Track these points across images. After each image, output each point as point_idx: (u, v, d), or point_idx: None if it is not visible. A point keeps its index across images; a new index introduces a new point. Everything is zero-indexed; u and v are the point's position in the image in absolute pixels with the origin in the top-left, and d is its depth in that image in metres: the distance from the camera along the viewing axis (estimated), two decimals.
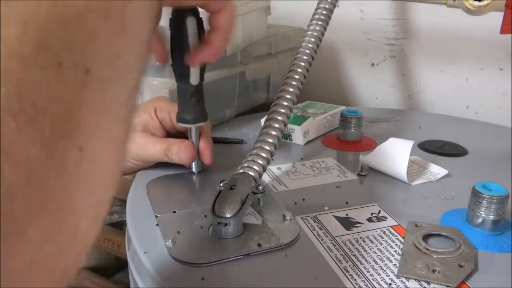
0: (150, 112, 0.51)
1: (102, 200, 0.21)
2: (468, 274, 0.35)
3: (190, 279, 0.35)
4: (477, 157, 0.60)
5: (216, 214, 0.39)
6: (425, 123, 0.73)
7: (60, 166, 0.18)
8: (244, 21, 0.64)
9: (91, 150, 0.19)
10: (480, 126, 0.73)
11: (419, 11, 0.81)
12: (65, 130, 0.18)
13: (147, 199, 0.46)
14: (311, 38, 0.50)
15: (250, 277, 0.35)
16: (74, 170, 0.18)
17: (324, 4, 0.52)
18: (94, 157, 0.19)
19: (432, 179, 0.52)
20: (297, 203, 0.46)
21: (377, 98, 0.91)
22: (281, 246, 0.39)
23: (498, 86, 0.78)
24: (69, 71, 0.18)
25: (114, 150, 0.21)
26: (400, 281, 0.35)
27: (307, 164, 0.56)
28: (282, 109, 0.46)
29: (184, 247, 0.38)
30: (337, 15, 0.57)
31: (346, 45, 0.91)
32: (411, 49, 0.85)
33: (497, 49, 0.76)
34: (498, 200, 0.40)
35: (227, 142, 0.61)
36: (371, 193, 0.50)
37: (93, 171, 0.20)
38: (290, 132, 0.61)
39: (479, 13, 0.60)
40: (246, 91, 0.72)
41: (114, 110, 0.21)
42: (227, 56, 0.63)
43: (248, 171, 0.42)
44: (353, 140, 0.62)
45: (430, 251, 0.38)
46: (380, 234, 0.41)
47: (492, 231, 0.41)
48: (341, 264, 0.37)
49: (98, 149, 0.20)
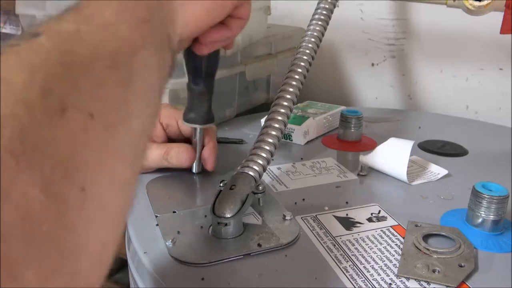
0: None
1: (107, 241, 0.20)
2: (468, 274, 0.35)
3: (190, 279, 0.35)
4: (477, 157, 0.60)
5: (216, 214, 0.39)
6: (425, 123, 0.73)
7: (61, 208, 0.18)
8: None
9: (93, 191, 0.19)
10: (480, 126, 0.73)
11: (419, 11, 0.81)
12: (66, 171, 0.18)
13: (147, 199, 0.46)
14: (311, 38, 0.50)
15: (250, 277, 0.35)
16: (75, 211, 0.18)
17: (324, 4, 0.52)
18: (97, 198, 0.19)
19: (432, 179, 0.52)
20: (297, 203, 0.46)
21: (377, 98, 0.91)
22: (281, 246, 0.39)
23: (498, 86, 0.78)
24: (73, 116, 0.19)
25: (119, 191, 0.21)
26: (400, 281, 0.35)
27: (307, 164, 0.56)
28: (282, 109, 0.46)
29: (184, 247, 0.38)
30: (337, 15, 0.57)
31: (346, 45, 0.91)
32: (411, 49, 0.85)
33: (497, 49, 0.76)
34: (498, 200, 0.40)
35: (227, 142, 0.61)
36: (371, 193, 0.50)
37: (96, 212, 0.19)
38: (290, 132, 0.61)
39: (479, 13, 0.60)
40: (246, 91, 0.72)
41: (118, 152, 0.21)
42: (227, 56, 0.63)
43: (248, 171, 0.42)
44: (353, 140, 0.62)
45: (430, 251, 0.38)
46: (380, 234, 0.41)
47: (492, 231, 0.41)
48: (341, 264, 0.37)
49: (101, 190, 0.20)
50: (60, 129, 0.18)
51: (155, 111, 0.25)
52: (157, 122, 0.50)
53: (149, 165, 0.50)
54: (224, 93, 0.67)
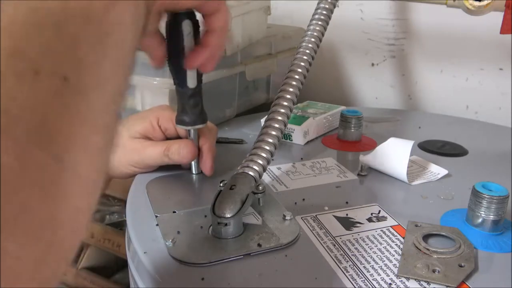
0: (151, 121, 0.50)
1: (81, 209, 0.20)
2: (468, 274, 0.35)
3: (190, 279, 0.35)
4: (477, 157, 0.60)
5: (216, 214, 0.39)
6: (425, 123, 0.73)
7: (35, 176, 0.17)
8: (244, 21, 0.64)
9: (68, 159, 0.19)
10: (480, 126, 0.73)
11: (419, 11, 0.81)
12: (40, 138, 0.17)
13: (147, 199, 0.46)
14: (311, 38, 0.50)
15: (250, 277, 0.35)
16: (50, 179, 0.18)
17: (324, 4, 0.52)
18: (72, 166, 0.19)
19: (432, 179, 0.52)
20: (297, 203, 0.46)
21: (377, 98, 0.91)
22: (281, 246, 0.39)
23: (498, 86, 0.78)
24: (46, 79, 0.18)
25: (94, 159, 0.21)
26: (400, 281, 0.35)
27: (307, 164, 0.56)
28: (282, 109, 0.46)
29: (184, 247, 0.38)
30: (337, 15, 0.57)
31: (346, 45, 0.91)
32: (411, 49, 0.85)
33: (497, 49, 0.76)
34: (498, 200, 0.40)
35: (227, 142, 0.61)
36: (371, 193, 0.50)
37: (70, 180, 0.19)
38: (290, 132, 0.61)
39: (479, 13, 0.60)
40: (246, 91, 0.72)
41: (92, 118, 0.20)
42: (227, 56, 0.63)
43: (248, 171, 0.42)
44: (353, 140, 0.62)
45: (430, 251, 0.38)
46: (380, 234, 0.41)
47: (492, 231, 0.41)
48: (341, 264, 0.37)
49: (76, 158, 0.19)
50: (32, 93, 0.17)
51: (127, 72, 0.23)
52: (156, 125, 0.50)
53: (150, 163, 0.50)
54: (224, 93, 0.67)
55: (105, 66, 0.21)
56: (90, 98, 0.20)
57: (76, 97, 0.19)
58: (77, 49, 0.19)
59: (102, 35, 0.20)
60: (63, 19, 0.19)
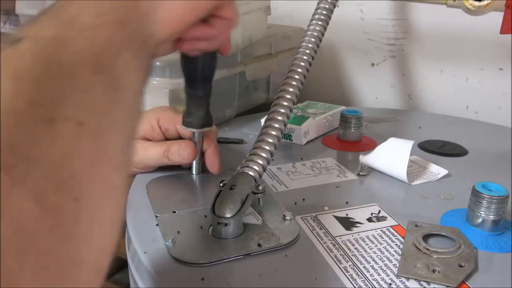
0: (151, 122, 0.49)
1: (103, 250, 0.20)
2: (468, 274, 0.35)
3: (190, 279, 0.35)
4: (477, 157, 0.60)
5: (216, 214, 0.39)
6: (425, 123, 0.73)
7: (55, 219, 0.18)
8: (244, 21, 0.64)
9: (87, 200, 0.19)
10: (480, 126, 0.73)
11: (419, 11, 0.81)
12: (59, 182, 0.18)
13: (147, 199, 0.46)
14: (311, 38, 0.50)
15: (250, 277, 0.35)
16: (70, 222, 0.18)
17: (324, 4, 0.52)
18: (91, 207, 0.19)
19: (432, 179, 0.52)
20: (297, 203, 0.46)
21: (377, 98, 0.91)
22: (281, 246, 0.39)
23: (498, 86, 0.78)
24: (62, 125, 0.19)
25: (113, 198, 0.21)
26: (400, 281, 0.35)
27: (307, 164, 0.56)
28: (282, 109, 0.46)
29: (184, 247, 0.38)
30: (337, 15, 0.57)
31: (346, 45, 0.91)
32: (411, 49, 0.85)
33: (497, 49, 0.76)
34: (498, 200, 0.40)
35: (227, 142, 0.61)
36: (371, 193, 0.50)
37: (91, 221, 0.19)
38: (290, 132, 0.61)
39: (479, 13, 0.60)
40: (246, 91, 0.72)
41: (110, 159, 0.21)
42: (227, 56, 0.62)
43: (248, 171, 0.42)
44: (353, 140, 0.62)
45: (430, 251, 0.38)
46: (380, 234, 0.41)
47: (492, 231, 0.41)
48: (341, 264, 0.37)
49: (95, 199, 0.20)
50: (50, 139, 0.18)
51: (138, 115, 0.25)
52: (156, 126, 0.50)
53: (149, 164, 0.50)
54: (224, 93, 0.67)
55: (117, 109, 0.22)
56: (107, 140, 0.21)
57: (93, 140, 0.20)
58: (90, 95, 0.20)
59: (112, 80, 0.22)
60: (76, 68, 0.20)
